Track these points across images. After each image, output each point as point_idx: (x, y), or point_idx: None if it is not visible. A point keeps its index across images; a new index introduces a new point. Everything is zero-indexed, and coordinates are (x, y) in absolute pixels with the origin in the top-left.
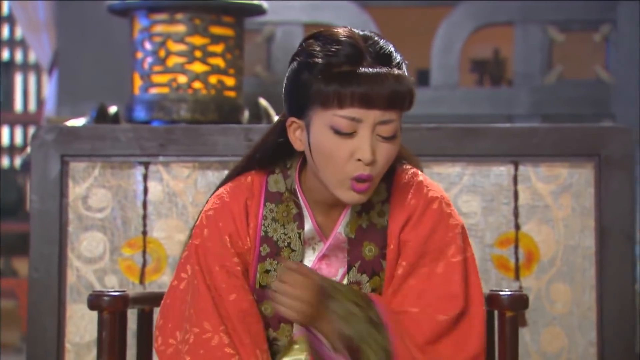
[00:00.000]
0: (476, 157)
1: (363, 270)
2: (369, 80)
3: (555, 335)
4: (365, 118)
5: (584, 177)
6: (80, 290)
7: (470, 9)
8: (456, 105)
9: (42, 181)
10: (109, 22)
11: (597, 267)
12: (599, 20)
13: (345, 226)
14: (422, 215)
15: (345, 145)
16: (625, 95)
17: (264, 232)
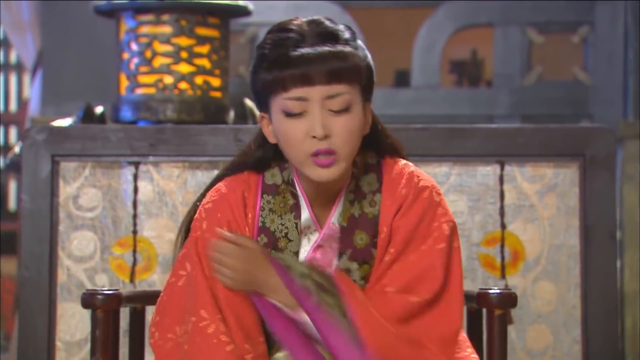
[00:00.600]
0: (463, 157)
1: (354, 258)
2: (306, 60)
3: (540, 333)
4: (310, 96)
5: (568, 177)
6: (71, 289)
7: (451, 10)
8: (437, 105)
9: (33, 181)
10: (94, 23)
11: (581, 266)
12: (578, 22)
13: (338, 216)
14: (413, 203)
15: (298, 126)
16: (603, 96)
17: (261, 222)
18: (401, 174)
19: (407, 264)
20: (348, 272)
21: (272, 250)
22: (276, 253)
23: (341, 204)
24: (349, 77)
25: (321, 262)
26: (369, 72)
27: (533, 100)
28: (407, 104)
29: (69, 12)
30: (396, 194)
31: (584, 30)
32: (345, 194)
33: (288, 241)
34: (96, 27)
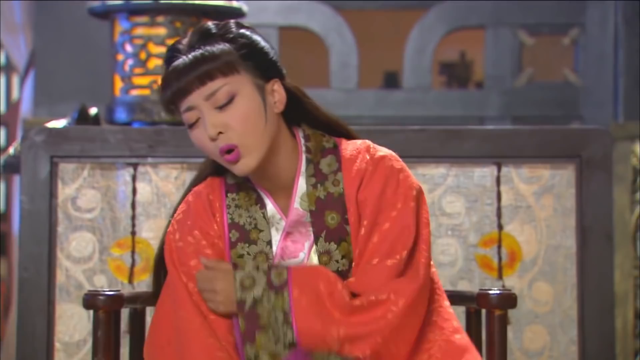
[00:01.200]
0: (460, 159)
1: (330, 238)
2: (177, 73)
3: (537, 333)
4: (194, 103)
5: (565, 178)
6: (70, 289)
7: (442, 12)
8: (428, 107)
9: (32, 182)
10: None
11: (578, 266)
12: (568, 23)
13: (300, 201)
14: (374, 173)
15: (200, 133)
16: (593, 97)
17: (230, 219)
18: (358, 150)
19: (383, 232)
20: (328, 254)
21: (246, 244)
22: (244, 260)
23: (300, 189)
24: (222, 71)
25: (292, 249)
26: (259, 56)
27: (524, 102)
28: (398, 106)
29: (61, 13)
30: (356, 169)
31: (574, 32)
32: (306, 179)
33: (259, 232)
34: (89, 28)
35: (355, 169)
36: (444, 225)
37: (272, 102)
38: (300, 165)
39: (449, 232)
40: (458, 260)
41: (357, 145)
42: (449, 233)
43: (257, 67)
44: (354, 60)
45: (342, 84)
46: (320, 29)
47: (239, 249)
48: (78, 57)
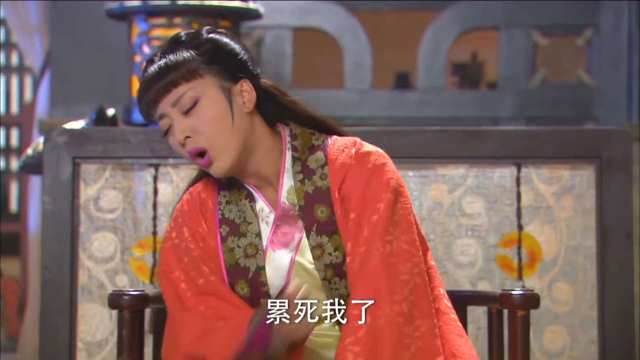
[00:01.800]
0: (480, 159)
1: (321, 232)
2: (144, 85)
3: (557, 334)
4: (163, 111)
5: (585, 179)
6: (92, 289)
7: (456, 13)
8: (442, 107)
9: (54, 183)
10: (102, 25)
11: (598, 267)
12: (582, 24)
13: (287, 195)
14: (357, 167)
15: (172, 139)
16: (607, 98)
17: (220, 215)
18: (345, 145)
19: (371, 225)
20: (320, 247)
21: (236, 237)
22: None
23: (286, 185)
24: (184, 78)
25: (283, 241)
26: (221, 57)
27: (537, 103)
28: (412, 106)
29: (77, 14)
30: (340, 163)
31: (588, 33)
32: (293, 175)
33: (248, 224)
34: (105, 30)
35: (339, 163)
36: (463, 225)
37: (241, 102)
38: (284, 161)
39: (469, 232)
40: (478, 260)
41: (345, 141)
42: (469, 233)
43: (223, 70)
44: (368, 61)
45: (356, 85)
46: (334, 29)
47: (229, 242)
48: (94, 58)
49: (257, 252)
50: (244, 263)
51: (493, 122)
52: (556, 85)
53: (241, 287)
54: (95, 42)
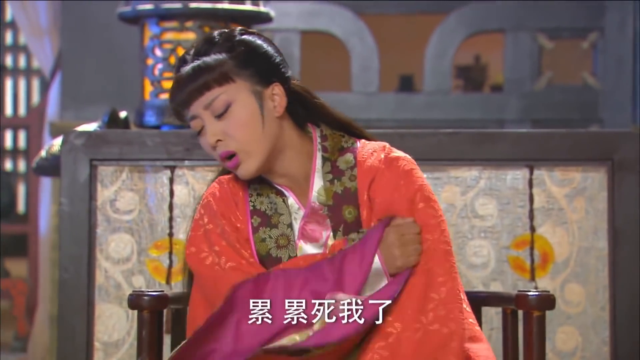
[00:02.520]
0: (493, 162)
1: (348, 232)
2: (177, 85)
3: (569, 334)
4: (195, 112)
5: (597, 181)
6: (109, 290)
7: (462, 17)
8: (448, 110)
9: (72, 185)
10: (112, 28)
11: (610, 268)
12: (587, 28)
13: (317, 195)
14: (385, 171)
15: (204, 140)
16: (612, 100)
17: (252, 206)
18: (374, 149)
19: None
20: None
21: (267, 228)
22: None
23: (316, 185)
24: (217, 82)
25: (312, 237)
26: (254, 61)
27: (543, 105)
28: (418, 109)
29: (87, 17)
30: (369, 165)
31: (593, 36)
32: (323, 175)
33: (279, 215)
34: (115, 32)
35: (368, 165)
36: (476, 227)
37: (272, 106)
38: (315, 162)
39: (481, 234)
40: (491, 262)
41: (375, 145)
42: (482, 235)
43: (256, 73)
44: (375, 64)
45: (363, 88)
46: (342, 33)
47: (261, 233)
48: (104, 61)
49: (289, 243)
50: (276, 253)
51: (499, 125)
52: (561, 88)
53: None
54: (105, 44)
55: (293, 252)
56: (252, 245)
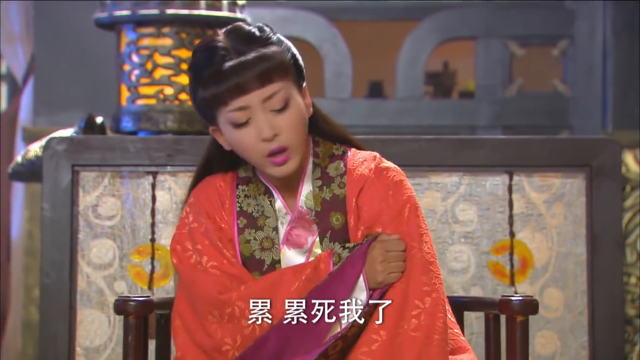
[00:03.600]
0: (472, 168)
1: (335, 239)
2: (236, 71)
3: (548, 339)
4: (249, 103)
5: (575, 187)
6: (91, 295)
7: (434, 24)
8: (421, 116)
9: (53, 190)
10: (86, 33)
11: (588, 273)
12: (557, 35)
13: (305, 200)
14: (375, 181)
15: (249, 133)
16: (582, 107)
17: (239, 207)
18: (365, 158)
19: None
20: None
21: (253, 230)
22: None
23: (305, 190)
24: (279, 75)
25: (297, 242)
26: (296, 61)
27: (514, 112)
28: (391, 115)
29: (61, 23)
30: (360, 174)
31: (563, 44)
32: (312, 181)
33: (265, 218)
34: (88, 38)
35: (358, 174)
36: (456, 232)
37: (307, 106)
38: (307, 168)
39: (461, 239)
40: (471, 267)
41: (365, 155)
42: (462, 240)
43: (299, 72)
44: (348, 70)
45: (336, 94)
46: (315, 39)
47: (246, 234)
48: (78, 67)
49: (273, 246)
50: (260, 255)
51: (471, 131)
52: (532, 95)
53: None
54: (78, 50)
55: (276, 256)
56: (237, 245)
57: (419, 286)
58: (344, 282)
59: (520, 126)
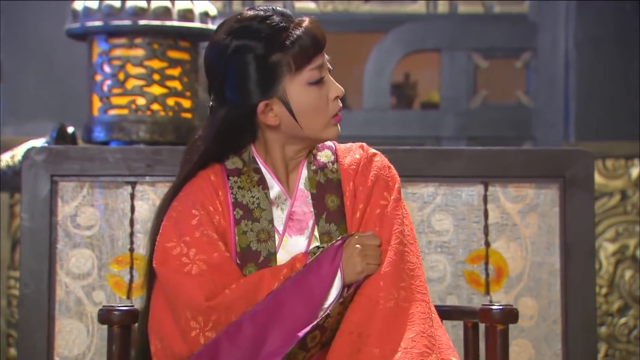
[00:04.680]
0: (448, 178)
1: (330, 220)
2: (314, 28)
3: (522, 347)
4: (324, 61)
5: (549, 197)
6: (69, 305)
7: (400, 36)
8: (387, 127)
9: (32, 200)
10: (54, 43)
11: (562, 282)
12: (521, 48)
13: (304, 182)
14: (367, 164)
15: (322, 93)
16: (545, 118)
17: (233, 198)
18: (351, 147)
19: (372, 217)
20: (328, 234)
21: (249, 221)
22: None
23: (304, 172)
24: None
25: (298, 227)
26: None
27: (478, 123)
28: (358, 126)
29: (29, 32)
30: (350, 159)
31: (526, 56)
32: (307, 165)
33: (262, 210)
34: (57, 48)
35: (349, 159)
36: (433, 242)
37: None
38: (307, 154)
39: (437, 249)
40: (447, 276)
41: (351, 144)
42: (438, 250)
43: None
44: None
45: None
46: None
47: (243, 225)
48: (45, 77)
49: (269, 238)
50: (256, 247)
51: (436, 142)
52: (496, 106)
53: (249, 270)
54: (46, 60)
55: (273, 248)
56: (233, 237)
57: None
58: (320, 274)
59: (485, 137)
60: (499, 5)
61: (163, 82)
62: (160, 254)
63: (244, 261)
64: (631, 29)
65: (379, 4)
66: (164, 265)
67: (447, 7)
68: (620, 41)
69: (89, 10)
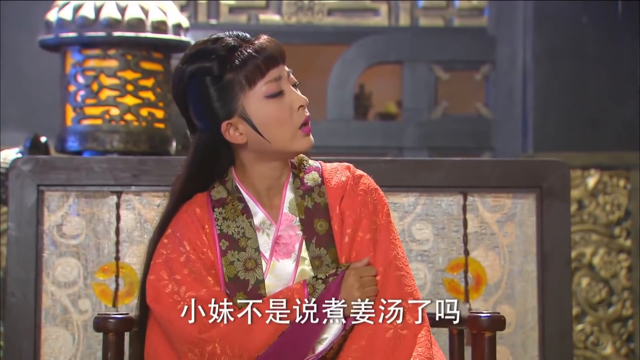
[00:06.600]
0: (429, 188)
1: (320, 244)
2: (265, 47)
3: (501, 353)
4: (281, 74)
5: (526, 207)
6: (55, 313)
7: (363, 48)
8: (350, 137)
9: (19, 209)
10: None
11: (538, 290)
12: (480, 60)
13: (288, 206)
14: (354, 186)
15: (283, 104)
16: (503, 129)
17: (219, 230)
18: (337, 168)
19: (364, 242)
20: (319, 258)
21: (235, 251)
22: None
23: (288, 197)
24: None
25: (285, 251)
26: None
27: (439, 134)
28: (322, 136)
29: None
30: (338, 182)
31: (485, 69)
32: (294, 190)
33: (247, 239)
34: (26, 58)
35: (336, 182)
36: (413, 251)
37: None
38: (289, 175)
39: (418, 257)
40: (427, 284)
41: (337, 165)
42: (419, 258)
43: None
44: None
45: None
46: None
47: (230, 256)
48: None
49: (256, 266)
50: (244, 276)
51: (398, 152)
52: (456, 118)
53: (239, 298)
54: (16, 70)
55: (260, 275)
56: (220, 268)
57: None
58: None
59: (446, 148)
60: (459, 18)
61: (136, 92)
62: (153, 292)
63: (233, 291)
64: (588, 42)
65: (343, 16)
66: (158, 303)
67: (409, 20)
68: (577, 54)
69: (62, 21)
